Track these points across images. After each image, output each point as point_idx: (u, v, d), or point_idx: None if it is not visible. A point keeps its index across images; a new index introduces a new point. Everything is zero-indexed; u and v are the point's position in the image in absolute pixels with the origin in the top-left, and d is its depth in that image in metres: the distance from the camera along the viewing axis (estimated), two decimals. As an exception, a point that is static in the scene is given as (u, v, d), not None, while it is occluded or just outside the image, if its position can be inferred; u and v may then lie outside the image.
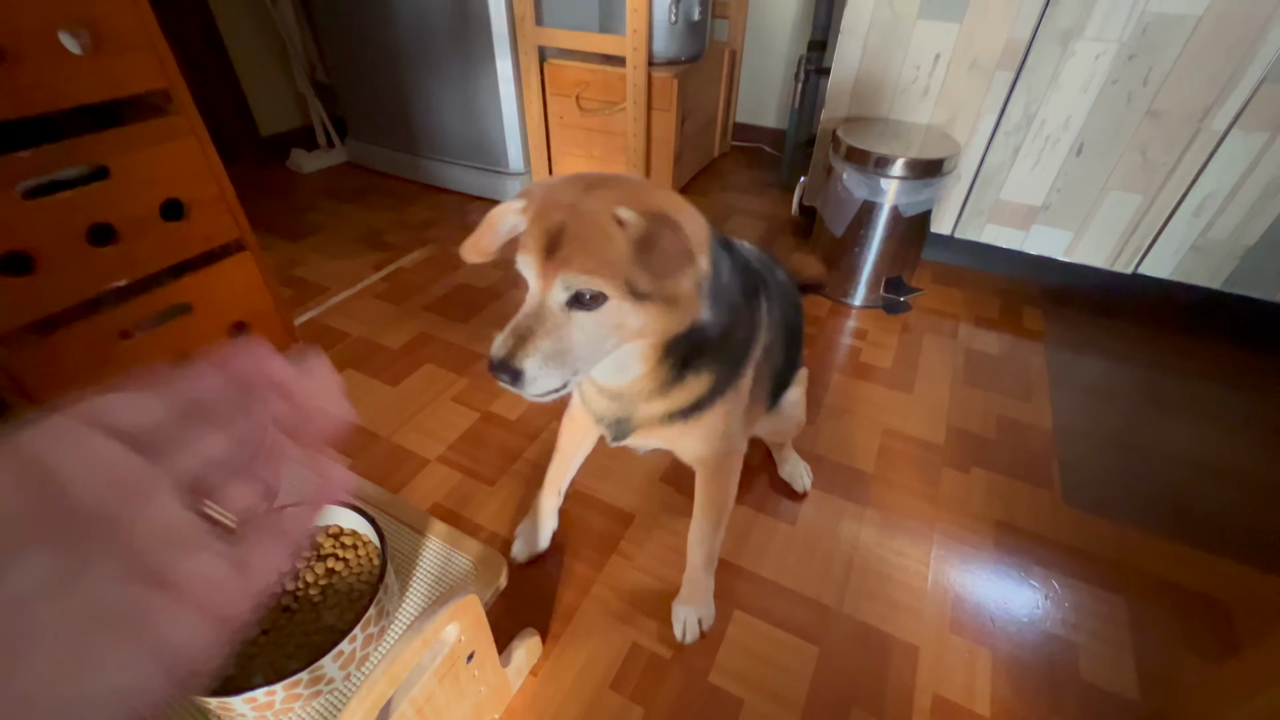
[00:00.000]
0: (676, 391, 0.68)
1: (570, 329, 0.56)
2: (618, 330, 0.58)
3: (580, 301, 0.55)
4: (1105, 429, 1.27)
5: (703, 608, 0.90)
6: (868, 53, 1.55)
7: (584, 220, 0.54)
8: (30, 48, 0.77)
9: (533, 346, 0.55)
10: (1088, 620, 0.92)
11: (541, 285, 0.56)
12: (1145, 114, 1.35)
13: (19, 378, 0.87)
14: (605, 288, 0.54)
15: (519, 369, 0.55)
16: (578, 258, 0.53)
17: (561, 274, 0.54)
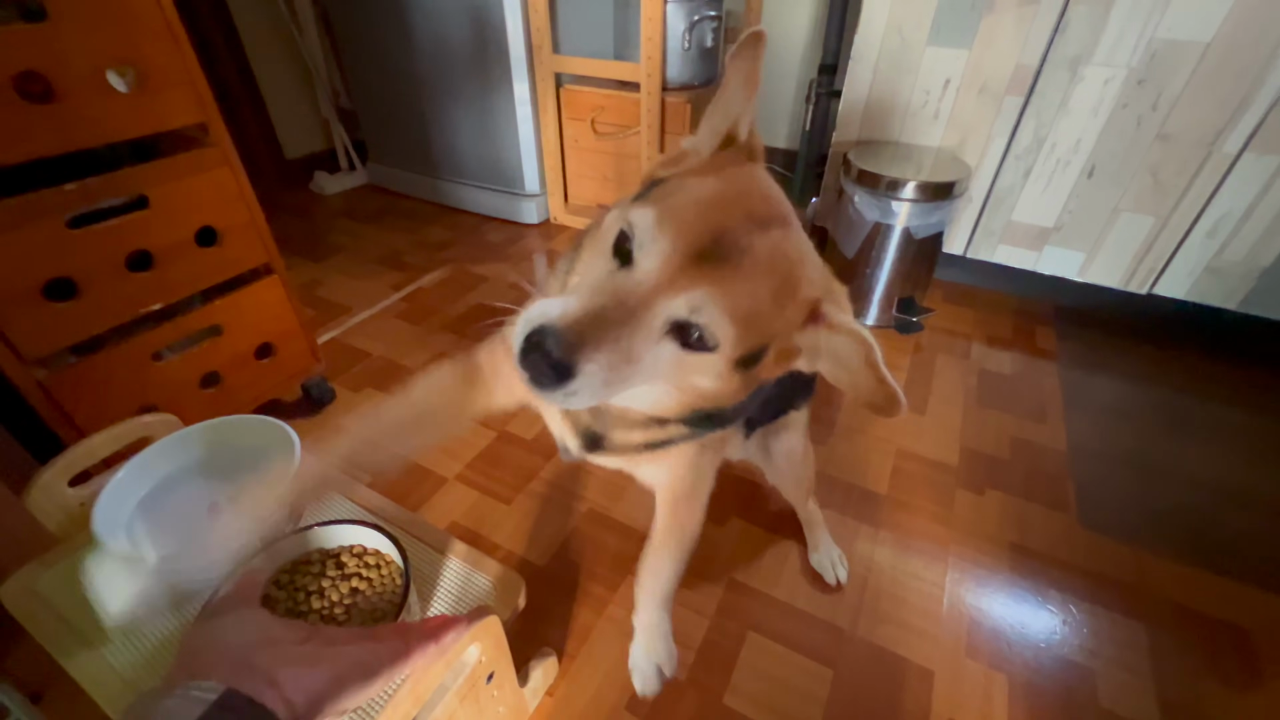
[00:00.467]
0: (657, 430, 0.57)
1: (649, 354, 0.41)
2: (681, 378, 0.46)
3: (684, 333, 0.41)
4: (1121, 451, 1.27)
5: (663, 653, 0.80)
6: (878, 78, 1.57)
7: (766, 262, 0.41)
8: (80, 86, 0.81)
9: (605, 352, 0.38)
10: (1106, 646, 0.91)
11: (664, 284, 0.39)
12: (1156, 137, 1.36)
13: (57, 398, 0.91)
14: (727, 342, 0.41)
15: (572, 366, 0.37)
16: (736, 291, 0.40)
17: (704, 290, 0.39)
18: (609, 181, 2.09)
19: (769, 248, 0.41)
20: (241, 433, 0.82)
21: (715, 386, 0.46)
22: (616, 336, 0.39)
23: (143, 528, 0.74)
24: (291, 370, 1.23)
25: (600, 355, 0.38)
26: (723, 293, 0.39)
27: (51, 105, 0.80)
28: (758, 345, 0.43)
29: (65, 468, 0.76)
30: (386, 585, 0.71)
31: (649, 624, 0.80)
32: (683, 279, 0.39)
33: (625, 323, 0.39)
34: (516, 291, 1.78)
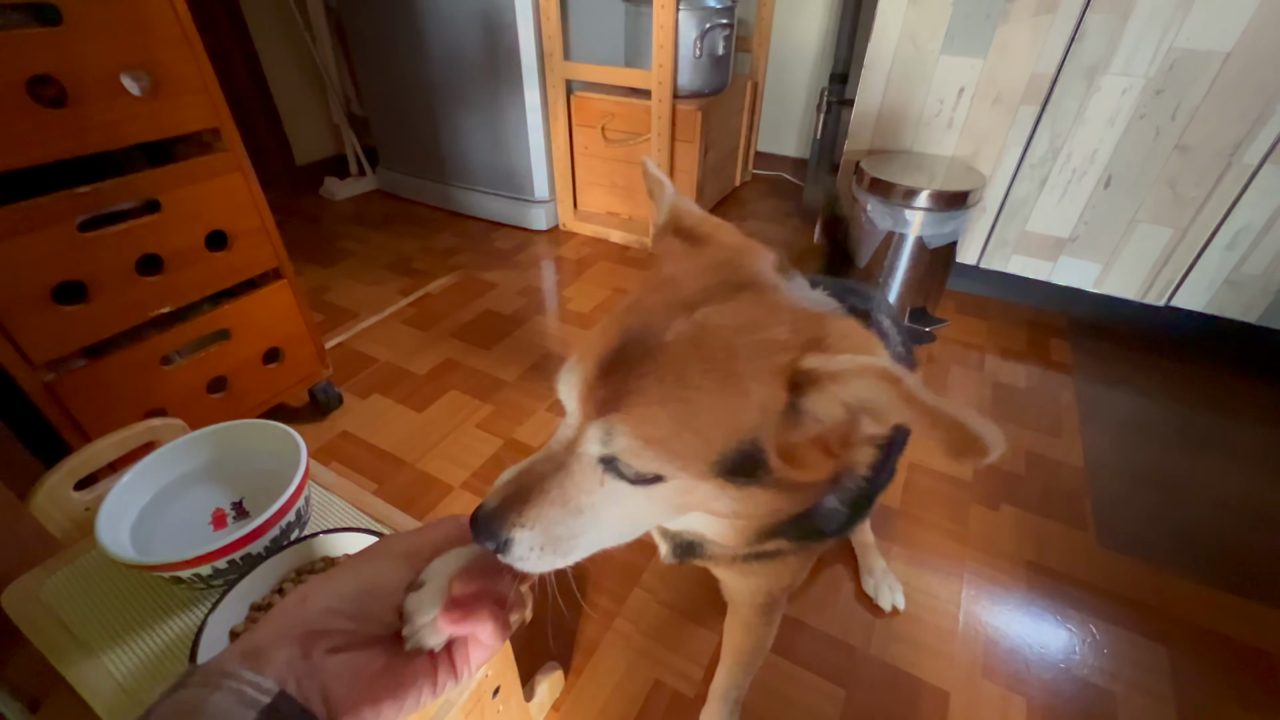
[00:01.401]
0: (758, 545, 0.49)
1: (597, 500, 0.36)
2: (680, 509, 0.39)
3: (618, 470, 0.35)
4: (1139, 467, 1.24)
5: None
6: (891, 86, 1.56)
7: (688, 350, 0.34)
8: (95, 90, 0.81)
9: (533, 513, 0.35)
10: (1127, 669, 0.89)
11: (579, 420, 0.36)
12: (1174, 148, 1.34)
13: (64, 402, 0.90)
14: (665, 465, 0.34)
15: (505, 538, 0.35)
16: (647, 402, 0.33)
17: (604, 418, 0.34)
18: (618, 188, 2.08)
19: (692, 331, 0.34)
20: (248, 438, 0.82)
21: (738, 506, 0.38)
22: (545, 491, 0.35)
23: (147, 533, 0.73)
24: (299, 375, 1.22)
25: (529, 517, 0.35)
26: (626, 413, 0.33)
27: (65, 109, 0.80)
28: (728, 450, 0.34)
29: (71, 472, 0.75)
30: (391, 596, 0.70)
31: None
32: (589, 407, 0.35)
33: (552, 475, 0.36)
34: (525, 298, 1.77)
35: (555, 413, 1.34)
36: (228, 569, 0.68)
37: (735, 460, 0.34)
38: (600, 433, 0.34)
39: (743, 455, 0.34)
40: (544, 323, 1.67)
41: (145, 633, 0.69)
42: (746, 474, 0.35)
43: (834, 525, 0.45)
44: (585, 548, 0.38)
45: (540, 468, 0.36)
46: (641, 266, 1.95)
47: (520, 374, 1.46)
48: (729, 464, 0.34)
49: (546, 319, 1.69)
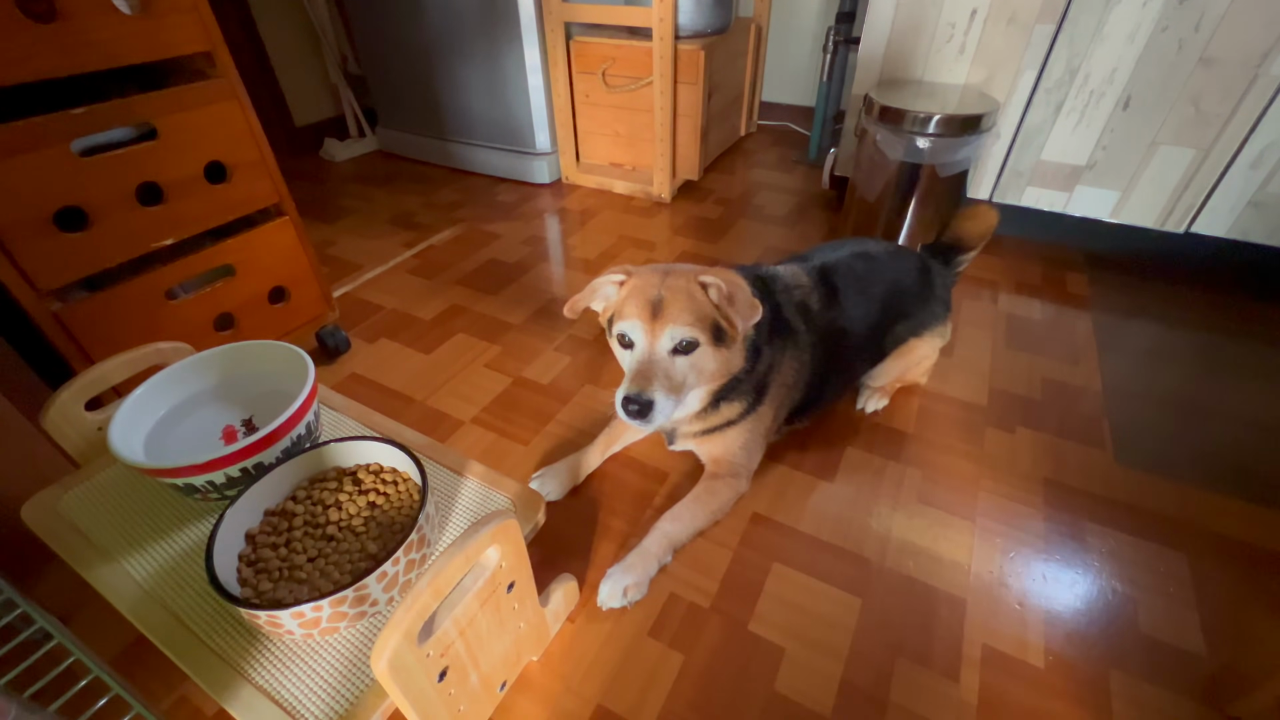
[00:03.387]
0: (712, 416, 0.91)
1: (675, 369, 0.79)
2: (698, 372, 0.81)
3: (679, 349, 0.79)
4: (1159, 391, 1.22)
5: (638, 577, 0.85)
6: (900, 12, 1.51)
7: (676, 290, 0.79)
8: (84, 6, 0.79)
9: (659, 384, 0.76)
10: (1145, 576, 0.88)
11: (649, 340, 0.78)
12: (1197, 62, 1.29)
13: (73, 332, 0.90)
14: (698, 336, 0.78)
15: (651, 400, 0.75)
16: (681, 315, 0.77)
17: (669, 327, 0.77)
18: (620, 137, 2.04)
19: (672, 283, 0.80)
20: (256, 358, 0.81)
21: (718, 364, 0.83)
22: (656, 376, 0.77)
23: (160, 447, 0.73)
24: (305, 316, 1.22)
25: (660, 388, 0.77)
26: (678, 320, 0.78)
27: (54, 24, 0.78)
28: (711, 324, 0.79)
29: (81, 389, 0.75)
30: (404, 501, 0.70)
31: (645, 550, 0.88)
32: (658, 329, 0.78)
33: (653, 369, 0.78)
34: (529, 247, 1.75)
35: (562, 351, 1.33)
36: (240, 477, 0.68)
37: (714, 331, 0.80)
38: (670, 333, 0.78)
39: (715, 327, 0.80)
40: (549, 269, 1.65)
41: (162, 540, 0.69)
42: (719, 339, 0.81)
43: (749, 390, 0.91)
44: (679, 403, 0.81)
45: (644, 369, 0.78)
46: (645, 215, 1.92)
47: (527, 317, 1.44)
48: (712, 333, 0.80)
49: (551, 266, 1.67)
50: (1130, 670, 0.77)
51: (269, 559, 0.63)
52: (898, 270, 1.05)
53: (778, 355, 0.92)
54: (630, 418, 0.76)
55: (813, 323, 0.96)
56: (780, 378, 0.94)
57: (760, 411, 0.93)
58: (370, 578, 0.56)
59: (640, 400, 0.75)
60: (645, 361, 0.78)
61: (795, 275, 0.98)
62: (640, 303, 0.78)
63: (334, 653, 0.58)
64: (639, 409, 0.75)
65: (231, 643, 0.59)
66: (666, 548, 0.89)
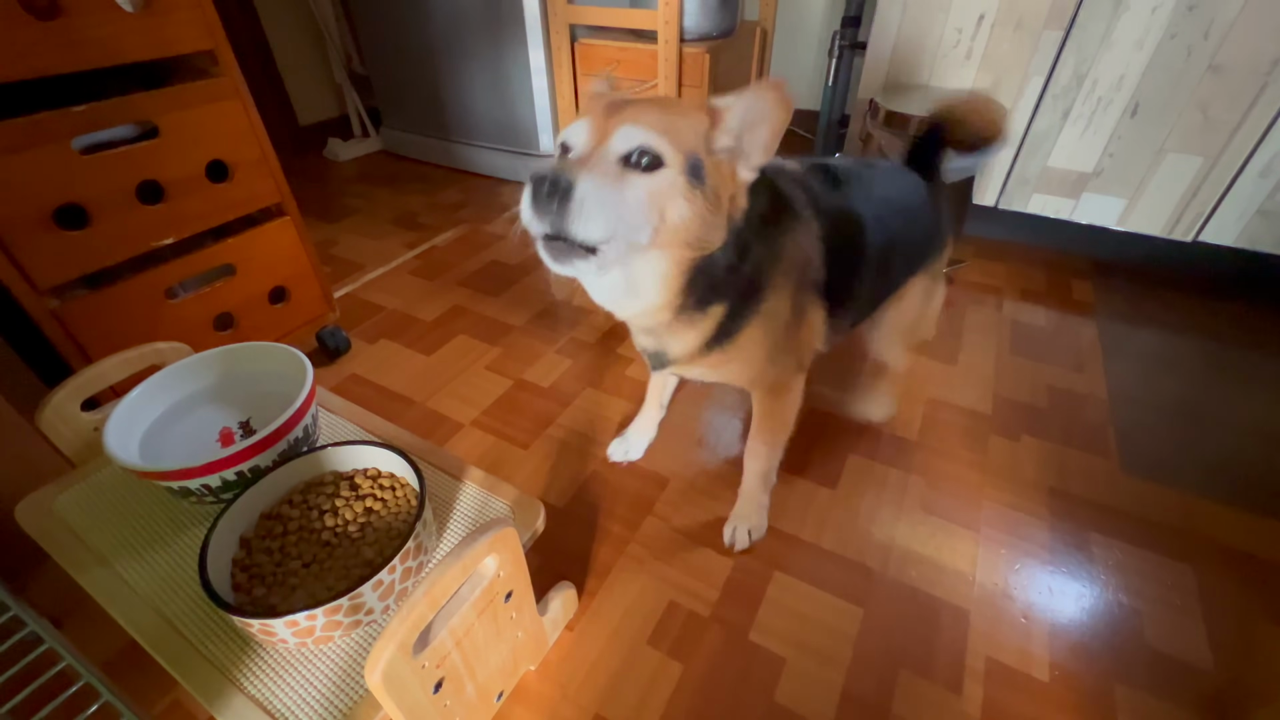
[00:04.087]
0: (701, 321, 0.68)
1: (622, 185, 0.53)
2: (660, 214, 0.55)
3: (635, 162, 0.53)
4: (1165, 400, 1.21)
5: (754, 520, 0.93)
6: (907, 17, 1.50)
7: (662, 98, 0.60)
8: (85, 3, 0.79)
9: (588, 173, 0.51)
10: (1151, 587, 0.87)
11: (597, 139, 0.54)
12: (1206, 69, 1.28)
13: (71, 331, 0.90)
14: (665, 151, 0.53)
15: (571, 180, 0.49)
16: (646, 114, 0.54)
17: (626, 124, 0.53)
18: (625, 140, 2.04)
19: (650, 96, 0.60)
20: (254, 359, 0.81)
21: (690, 213, 0.56)
22: (588, 165, 0.52)
23: (155, 449, 0.72)
24: (306, 316, 1.21)
25: (586, 173, 0.51)
26: (639, 118, 0.54)
27: (56, 21, 0.78)
28: (689, 154, 0.55)
29: (77, 388, 0.75)
30: (401, 507, 0.69)
31: (748, 495, 0.93)
32: (609, 125, 0.54)
33: (591, 162, 0.53)
34: (532, 249, 1.74)
35: (564, 354, 1.32)
36: (236, 480, 0.68)
37: (692, 165, 0.56)
38: (625, 132, 0.53)
39: (694, 162, 0.56)
40: (551, 271, 1.64)
41: (157, 544, 0.69)
42: (698, 177, 0.56)
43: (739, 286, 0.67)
44: (614, 220, 0.52)
45: (576, 161, 0.53)
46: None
47: (529, 319, 1.44)
48: (690, 166, 0.56)
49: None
50: (1136, 684, 0.76)
51: (263, 564, 0.62)
52: (904, 183, 0.89)
53: (775, 242, 0.69)
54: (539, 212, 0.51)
55: (816, 202, 0.75)
56: (785, 264, 0.71)
57: (768, 309, 0.70)
58: (366, 586, 0.56)
59: (557, 174, 0.49)
60: (577, 158, 0.54)
61: (788, 162, 0.79)
62: (601, 103, 0.57)
63: (328, 662, 0.57)
64: (550, 187, 0.49)
65: (224, 650, 0.58)
66: (764, 485, 0.93)
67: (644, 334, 0.73)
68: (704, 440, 1.11)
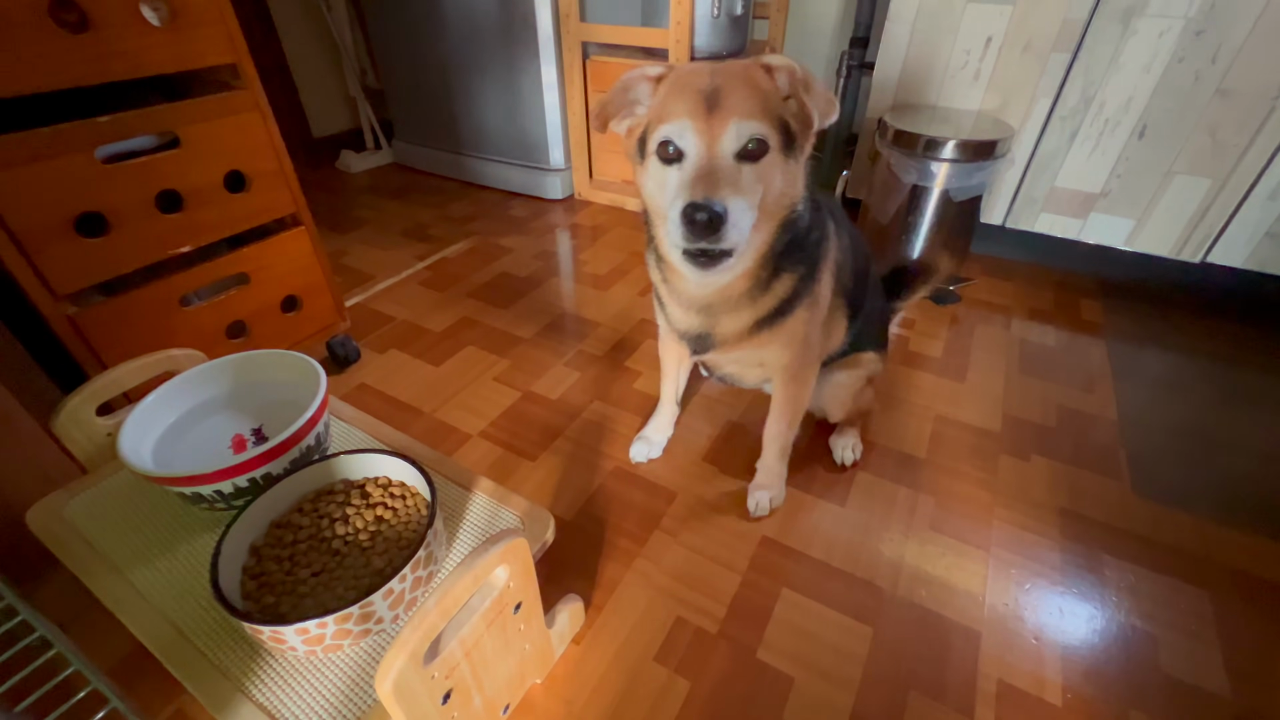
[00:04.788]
0: (763, 298, 0.72)
1: (743, 177, 0.58)
2: (767, 192, 0.61)
3: (746, 153, 0.58)
4: (1176, 422, 1.20)
5: (774, 490, 0.99)
6: (915, 38, 1.52)
7: (735, 77, 0.58)
8: (114, 17, 0.81)
9: (729, 189, 0.56)
10: (1166, 612, 0.85)
11: (708, 141, 0.57)
12: (1214, 93, 1.29)
13: (87, 336, 0.90)
14: (769, 134, 0.58)
15: (724, 209, 0.55)
16: (745, 105, 0.57)
17: (734, 121, 0.56)
18: (635, 156, 2.06)
19: (728, 70, 0.59)
20: (268, 367, 0.81)
21: (788, 183, 0.62)
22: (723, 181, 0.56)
23: (168, 455, 0.72)
24: (317, 325, 1.22)
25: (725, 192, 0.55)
26: (742, 111, 0.57)
27: (86, 35, 0.79)
28: (780, 122, 0.59)
29: (93, 394, 0.75)
30: (412, 516, 0.69)
31: (767, 467, 0.99)
32: (718, 124, 0.57)
33: (713, 170, 0.56)
34: (541, 262, 1.76)
35: (572, 367, 1.32)
36: (248, 487, 0.68)
37: (784, 132, 0.60)
38: (736, 128, 0.57)
39: (785, 128, 0.60)
40: (560, 284, 1.65)
41: (168, 551, 0.69)
42: (790, 146, 0.61)
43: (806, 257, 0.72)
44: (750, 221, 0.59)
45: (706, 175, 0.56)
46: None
47: (537, 331, 1.44)
48: (783, 135, 0.60)
49: (562, 281, 1.67)
50: (1151, 711, 0.74)
51: (273, 572, 0.62)
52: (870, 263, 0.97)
53: (824, 228, 0.75)
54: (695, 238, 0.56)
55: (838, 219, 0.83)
56: (830, 256, 0.77)
57: (817, 292, 0.75)
58: (377, 595, 0.55)
59: (711, 209, 0.53)
60: (706, 167, 0.56)
61: None
62: (690, 95, 0.58)
63: (336, 671, 0.57)
64: (709, 220, 0.54)
65: (233, 657, 0.58)
66: (781, 458, 0.98)
67: (700, 313, 0.76)
68: (712, 455, 1.11)
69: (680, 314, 0.79)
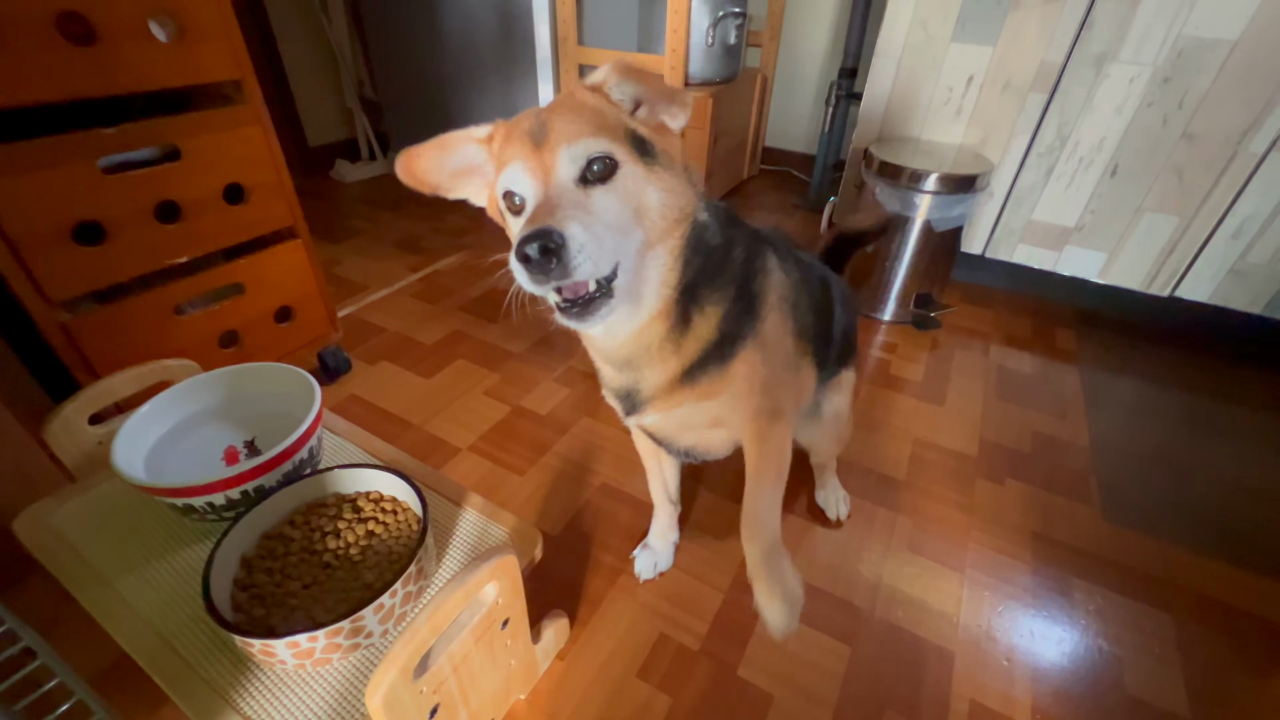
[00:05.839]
0: (686, 340, 0.60)
1: (593, 202, 0.50)
2: (637, 211, 0.53)
3: (592, 175, 0.50)
4: (1145, 449, 1.24)
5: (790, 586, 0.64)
6: (901, 74, 1.58)
7: (561, 105, 0.54)
8: (122, 31, 0.82)
9: (565, 214, 0.47)
10: (1131, 635, 0.89)
11: (542, 176, 0.50)
12: (1181, 136, 1.36)
13: (79, 344, 0.91)
14: (612, 149, 0.50)
15: (562, 235, 0.45)
16: (573, 127, 0.50)
17: (563, 147, 0.50)
18: (628, 175, 2.10)
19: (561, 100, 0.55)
20: (262, 380, 0.82)
21: (661, 189, 0.54)
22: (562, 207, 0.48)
23: (160, 465, 0.73)
24: (310, 336, 1.23)
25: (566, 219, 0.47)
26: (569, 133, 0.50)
27: (93, 48, 0.81)
28: (626, 132, 0.53)
29: (86, 402, 0.75)
30: (402, 530, 0.70)
31: (760, 564, 0.64)
32: (548, 154, 0.51)
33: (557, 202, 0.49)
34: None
35: (561, 383, 1.34)
36: (240, 500, 0.69)
37: (634, 140, 0.53)
38: (567, 152, 0.50)
39: (634, 136, 0.53)
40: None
41: (157, 561, 0.69)
42: (647, 153, 0.54)
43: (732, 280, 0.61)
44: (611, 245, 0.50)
45: (545, 205, 0.49)
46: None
47: (528, 346, 1.46)
48: (634, 143, 0.53)
49: (554, 297, 1.69)
50: (1116, 732, 0.77)
51: (264, 584, 0.63)
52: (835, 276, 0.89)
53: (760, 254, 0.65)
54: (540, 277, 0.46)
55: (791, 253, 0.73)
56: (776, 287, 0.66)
57: (762, 331, 0.63)
58: (368, 609, 0.56)
59: (542, 233, 0.45)
60: (542, 204, 0.49)
61: None
62: (518, 137, 0.52)
63: (324, 684, 0.58)
64: (544, 249, 0.45)
65: (220, 670, 0.59)
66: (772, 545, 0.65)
67: (621, 366, 0.65)
68: (696, 471, 1.13)
69: (609, 371, 0.67)
